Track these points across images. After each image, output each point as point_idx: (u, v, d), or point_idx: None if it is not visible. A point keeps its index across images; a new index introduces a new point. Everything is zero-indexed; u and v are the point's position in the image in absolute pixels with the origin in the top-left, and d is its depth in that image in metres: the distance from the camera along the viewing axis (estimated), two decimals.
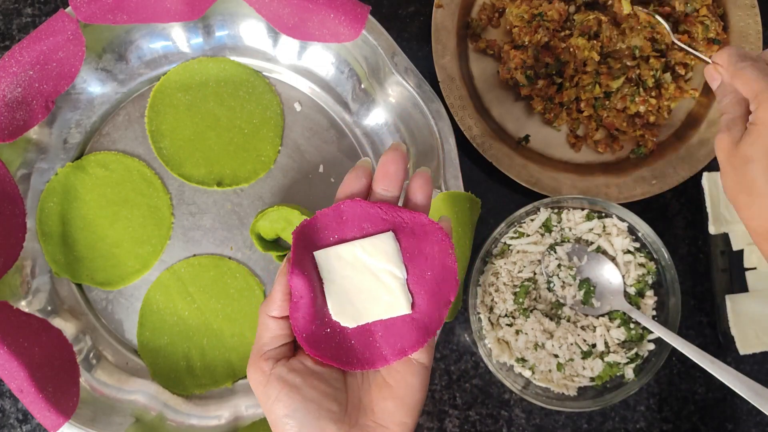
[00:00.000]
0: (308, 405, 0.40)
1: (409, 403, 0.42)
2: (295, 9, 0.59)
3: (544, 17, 0.66)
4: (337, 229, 0.43)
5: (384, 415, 0.42)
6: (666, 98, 0.68)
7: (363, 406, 0.42)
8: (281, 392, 0.41)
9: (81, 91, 0.65)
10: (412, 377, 0.42)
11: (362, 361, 0.42)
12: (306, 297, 0.42)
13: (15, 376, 0.55)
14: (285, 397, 0.41)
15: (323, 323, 0.42)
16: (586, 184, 0.68)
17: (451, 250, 0.42)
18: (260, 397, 0.42)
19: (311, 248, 0.43)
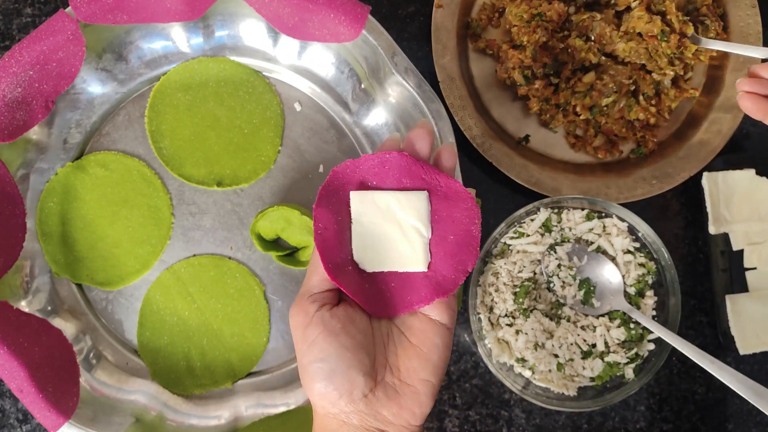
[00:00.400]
0: (343, 353, 0.41)
1: (433, 362, 0.43)
2: (295, 9, 0.59)
3: (544, 17, 0.66)
4: (377, 176, 0.44)
5: (409, 374, 0.43)
6: (667, 103, 0.68)
7: (389, 365, 0.43)
8: (320, 335, 0.42)
9: (81, 91, 0.65)
10: (435, 337, 0.44)
11: (374, 306, 0.44)
12: (331, 229, 0.43)
13: (15, 376, 0.55)
14: (322, 341, 0.41)
15: (345, 260, 0.44)
16: (586, 184, 0.68)
17: (477, 220, 0.44)
18: (298, 339, 0.42)
19: (348, 187, 0.44)
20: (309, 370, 0.42)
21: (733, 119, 0.68)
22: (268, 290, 0.66)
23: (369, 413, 0.42)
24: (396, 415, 0.42)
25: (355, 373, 0.41)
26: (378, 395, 0.42)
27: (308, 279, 0.44)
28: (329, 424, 0.42)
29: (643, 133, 0.69)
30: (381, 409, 0.42)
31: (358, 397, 0.41)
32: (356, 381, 0.41)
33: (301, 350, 0.42)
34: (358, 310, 0.44)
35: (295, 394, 0.64)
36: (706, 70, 0.71)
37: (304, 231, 0.64)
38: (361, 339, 0.42)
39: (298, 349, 0.43)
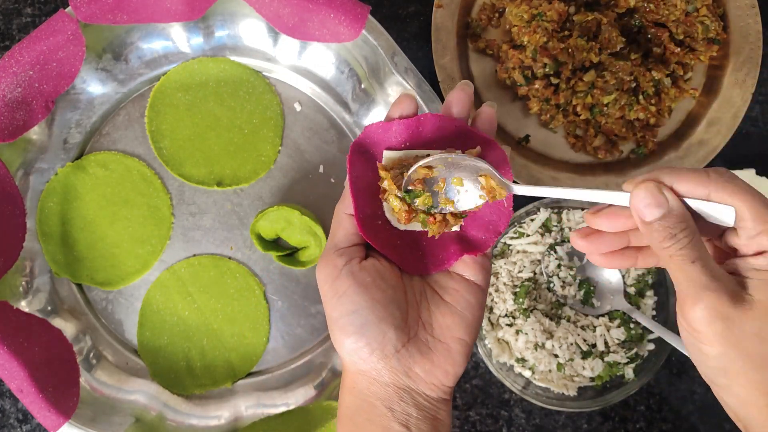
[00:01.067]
0: (374, 305, 0.40)
1: (467, 320, 0.42)
2: (295, 9, 0.59)
3: (544, 17, 0.66)
4: (412, 137, 0.43)
5: (442, 331, 0.42)
6: (666, 102, 0.68)
7: (422, 321, 0.42)
8: (350, 288, 0.40)
9: (81, 91, 0.65)
10: (469, 295, 0.43)
11: (405, 262, 0.43)
12: (364, 180, 0.42)
13: (15, 376, 0.55)
14: (353, 293, 0.40)
15: (376, 214, 0.43)
16: (586, 184, 0.68)
17: (510, 181, 0.43)
18: (327, 293, 0.41)
19: (382, 145, 0.43)
20: (339, 323, 0.40)
21: (733, 119, 0.68)
22: (268, 290, 0.66)
23: (401, 369, 0.41)
24: (428, 372, 0.41)
25: (387, 326, 0.40)
26: (410, 351, 0.41)
27: (333, 234, 0.43)
28: (359, 381, 0.41)
29: (643, 133, 0.69)
30: (413, 365, 0.41)
31: (390, 351, 0.40)
32: (388, 334, 0.40)
33: (330, 304, 0.41)
34: (387, 265, 0.43)
35: (295, 394, 0.64)
36: (706, 70, 0.71)
37: (304, 231, 0.64)
38: (392, 293, 0.41)
39: (327, 302, 0.41)
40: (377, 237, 0.42)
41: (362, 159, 0.43)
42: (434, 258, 0.43)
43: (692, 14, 0.68)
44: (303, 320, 0.66)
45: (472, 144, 0.43)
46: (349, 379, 0.42)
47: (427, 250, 0.43)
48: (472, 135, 0.43)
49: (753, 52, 0.69)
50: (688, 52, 0.69)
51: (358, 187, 0.42)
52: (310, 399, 0.64)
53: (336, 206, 0.44)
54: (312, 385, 0.64)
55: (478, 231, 0.43)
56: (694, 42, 0.69)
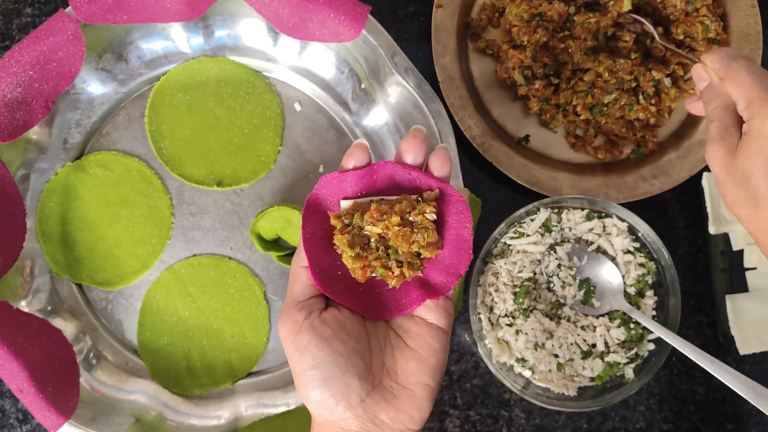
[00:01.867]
0: (336, 358, 0.41)
1: (431, 365, 0.43)
2: (295, 9, 0.59)
3: (544, 17, 0.66)
4: (366, 186, 0.44)
5: (407, 377, 0.42)
6: (667, 102, 0.68)
7: (386, 368, 0.43)
8: (311, 342, 0.41)
9: (81, 91, 0.65)
10: (432, 340, 0.43)
11: (366, 309, 0.43)
12: (318, 234, 0.43)
13: (15, 376, 0.55)
14: (314, 348, 0.41)
15: (335, 265, 0.43)
16: (586, 184, 0.67)
17: (468, 224, 0.43)
18: (289, 348, 0.42)
19: (337, 195, 0.44)
20: (303, 377, 0.41)
21: None
22: (268, 290, 0.66)
23: (367, 418, 0.41)
24: (394, 419, 0.41)
25: (351, 377, 0.41)
26: (375, 399, 0.41)
27: (291, 288, 0.44)
28: (327, 431, 0.42)
29: (643, 133, 0.69)
30: (379, 413, 0.41)
31: (356, 401, 0.41)
32: (352, 385, 0.41)
33: (293, 359, 0.42)
34: (348, 314, 0.43)
35: (295, 394, 0.64)
36: None
37: None
38: (354, 343, 0.42)
39: (291, 358, 0.42)
40: (335, 289, 0.43)
41: (317, 213, 0.44)
42: (396, 303, 0.44)
43: (692, 14, 0.68)
44: None
45: (427, 187, 0.43)
46: (317, 430, 0.43)
47: (389, 295, 0.44)
48: (427, 180, 0.44)
49: (753, 52, 0.69)
50: (688, 52, 0.69)
51: (313, 242, 0.43)
52: None
53: (292, 260, 0.44)
54: None
55: (438, 275, 0.44)
56: (694, 42, 0.69)
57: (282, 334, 0.42)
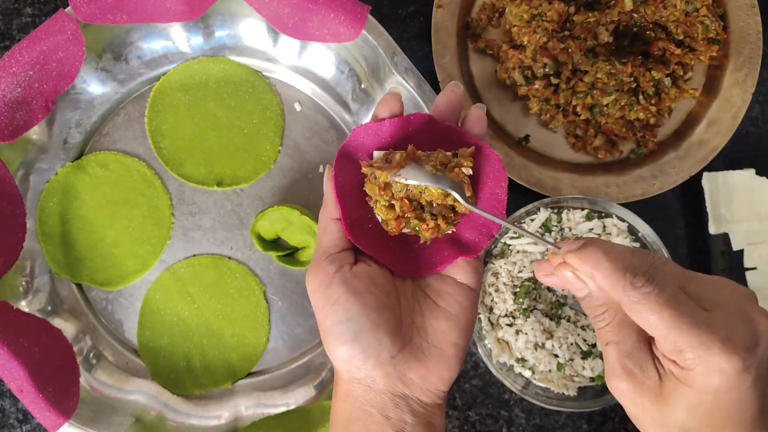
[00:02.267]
0: (368, 312, 0.39)
1: (461, 324, 0.42)
2: (295, 9, 0.59)
3: (544, 17, 0.66)
4: (400, 137, 0.42)
5: (437, 336, 0.41)
6: (666, 102, 0.68)
7: (416, 326, 0.42)
8: (342, 295, 0.40)
9: (81, 91, 0.65)
10: (462, 299, 0.42)
11: (396, 266, 0.42)
12: (352, 184, 0.41)
13: (15, 376, 0.55)
14: (346, 301, 0.39)
15: (365, 218, 0.42)
16: (586, 184, 0.67)
17: (504, 182, 0.42)
18: (319, 302, 0.40)
19: (370, 147, 0.42)
20: (333, 332, 0.39)
21: (733, 119, 0.68)
22: (268, 290, 0.66)
23: (396, 376, 0.40)
24: (424, 378, 0.40)
25: (382, 333, 0.39)
26: (406, 356, 0.40)
27: (320, 240, 0.42)
28: (354, 389, 0.41)
29: (643, 133, 0.69)
30: (408, 371, 0.40)
31: (386, 358, 0.39)
32: (383, 341, 0.39)
33: (323, 313, 0.40)
34: (379, 269, 0.42)
35: (295, 394, 0.64)
36: (706, 70, 0.71)
37: (304, 231, 0.64)
38: (385, 299, 0.40)
39: (320, 311, 0.40)
40: (367, 241, 0.41)
41: (349, 163, 0.42)
42: (427, 261, 0.43)
43: (692, 14, 0.68)
44: (303, 320, 0.66)
45: (462, 146, 0.42)
46: (343, 388, 0.41)
47: (419, 252, 0.42)
48: (462, 136, 0.42)
49: (753, 52, 0.69)
50: (688, 52, 0.69)
51: (345, 192, 0.41)
52: (310, 399, 0.64)
53: (319, 213, 0.43)
54: (312, 385, 0.64)
55: (471, 233, 0.42)
56: (694, 42, 0.69)
57: (311, 287, 0.41)
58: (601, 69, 0.65)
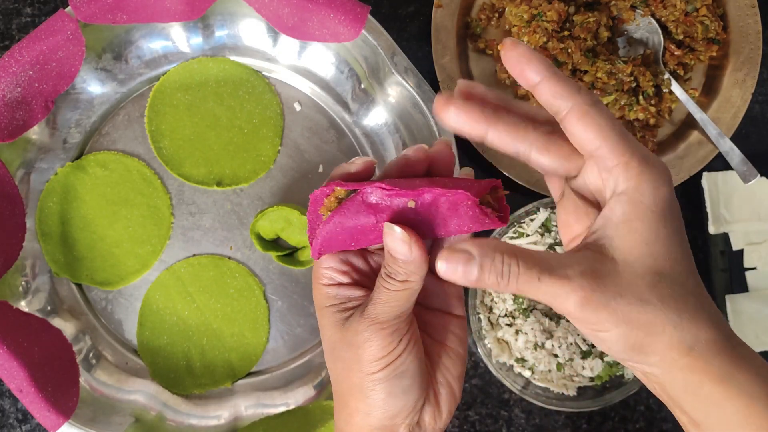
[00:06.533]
0: (421, 365, 0.38)
1: (460, 355, 0.41)
2: (294, 9, 0.59)
3: (544, 17, 0.66)
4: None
5: (443, 373, 0.40)
6: (666, 103, 0.68)
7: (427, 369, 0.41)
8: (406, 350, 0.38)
9: (81, 91, 0.65)
10: (454, 328, 0.42)
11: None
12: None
13: (15, 376, 0.55)
14: (408, 355, 0.38)
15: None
16: None
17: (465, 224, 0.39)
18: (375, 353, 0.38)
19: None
20: (384, 382, 0.38)
21: (733, 119, 0.68)
22: (267, 290, 0.66)
23: (415, 422, 0.39)
24: (436, 417, 0.40)
25: (422, 385, 0.38)
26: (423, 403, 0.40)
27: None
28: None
29: (642, 133, 0.69)
30: (425, 415, 0.39)
31: (419, 407, 0.39)
32: (421, 393, 0.38)
33: (351, 349, 0.38)
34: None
35: (294, 394, 0.64)
36: (706, 70, 0.71)
37: (304, 231, 0.64)
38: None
39: (346, 352, 0.38)
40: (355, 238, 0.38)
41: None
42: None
43: (692, 14, 0.68)
44: (303, 320, 0.66)
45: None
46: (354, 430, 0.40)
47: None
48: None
49: (753, 52, 0.69)
50: (687, 52, 0.69)
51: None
52: (310, 399, 0.64)
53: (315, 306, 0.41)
54: (312, 385, 0.64)
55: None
56: (694, 42, 0.69)
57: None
58: (601, 69, 0.65)
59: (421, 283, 0.38)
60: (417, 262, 0.36)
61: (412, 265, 0.36)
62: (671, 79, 0.68)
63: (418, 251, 0.36)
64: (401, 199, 0.37)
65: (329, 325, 0.39)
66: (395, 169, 0.40)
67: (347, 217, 0.38)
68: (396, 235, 0.36)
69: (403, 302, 0.37)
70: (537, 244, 0.63)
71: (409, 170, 0.40)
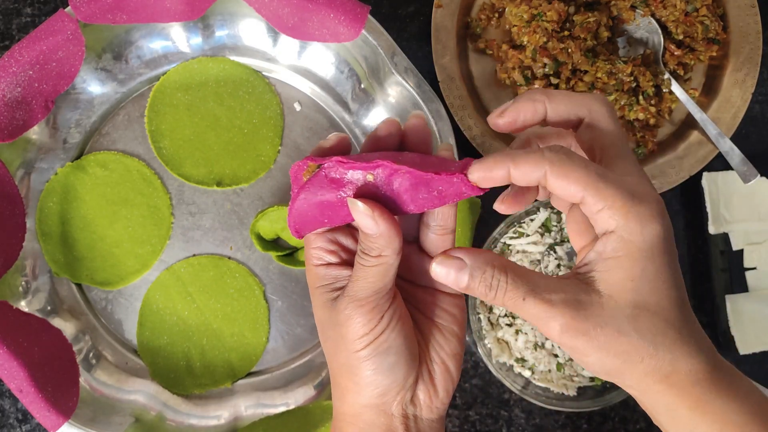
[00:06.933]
0: (409, 343, 0.39)
1: (457, 334, 0.41)
2: (294, 9, 0.59)
3: (544, 17, 0.66)
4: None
5: (437, 352, 0.41)
6: (667, 103, 0.68)
7: (420, 346, 0.41)
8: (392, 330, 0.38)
9: (81, 91, 0.65)
10: (450, 307, 0.42)
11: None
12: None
13: (15, 376, 0.55)
14: (392, 332, 0.38)
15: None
16: None
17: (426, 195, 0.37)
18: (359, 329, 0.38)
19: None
20: (369, 359, 0.38)
21: (733, 119, 0.68)
22: (267, 290, 0.67)
23: (408, 399, 0.39)
24: (431, 396, 0.40)
25: (413, 360, 0.39)
26: (417, 378, 0.40)
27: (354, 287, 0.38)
28: (364, 413, 0.39)
29: (642, 133, 0.69)
30: (418, 391, 0.40)
31: (409, 385, 0.39)
32: (412, 369, 0.39)
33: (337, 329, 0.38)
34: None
35: (294, 394, 0.64)
36: (706, 70, 0.71)
37: None
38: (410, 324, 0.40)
39: (333, 330, 0.39)
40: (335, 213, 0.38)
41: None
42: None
43: (692, 14, 0.68)
44: (303, 320, 0.66)
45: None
46: (351, 411, 0.40)
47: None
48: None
49: (753, 52, 0.69)
50: (687, 52, 0.69)
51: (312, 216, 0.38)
52: (310, 399, 0.64)
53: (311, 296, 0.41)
54: (312, 385, 0.64)
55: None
56: (694, 42, 0.69)
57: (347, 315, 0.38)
58: (601, 68, 0.65)
59: (397, 258, 0.37)
60: (386, 236, 0.36)
61: (382, 239, 0.37)
62: (671, 79, 0.68)
63: (385, 224, 0.36)
64: (358, 173, 0.37)
65: (319, 306, 0.40)
66: (368, 143, 0.40)
67: (312, 193, 0.37)
68: (359, 209, 0.36)
69: (380, 278, 0.37)
70: (537, 244, 0.63)
71: (381, 144, 0.40)
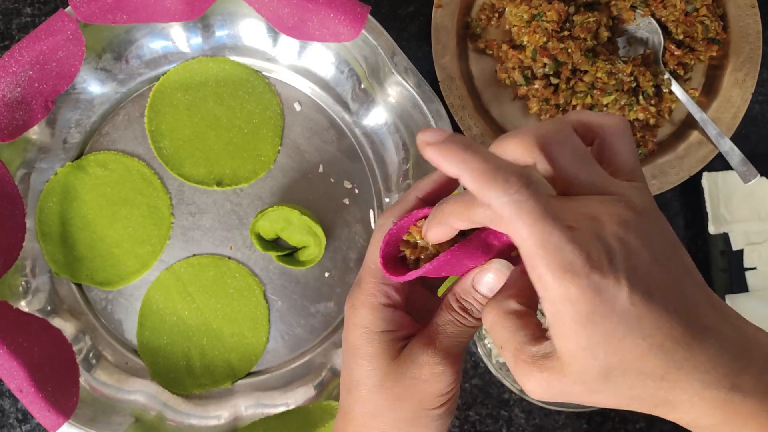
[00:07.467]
0: None
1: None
2: (294, 9, 0.59)
3: (544, 17, 0.66)
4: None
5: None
6: (667, 103, 0.68)
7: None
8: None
9: (81, 91, 0.65)
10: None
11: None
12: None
13: (15, 376, 0.55)
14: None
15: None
16: None
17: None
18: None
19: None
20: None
21: (733, 119, 0.68)
22: (267, 290, 0.66)
23: None
24: None
25: None
26: None
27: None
28: None
29: (642, 133, 0.69)
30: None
31: None
32: None
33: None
34: None
35: (294, 394, 0.64)
36: (706, 70, 0.71)
37: (304, 231, 0.64)
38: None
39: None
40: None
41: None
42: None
43: (692, 14, 0.68)
44: (303, 320, 0.66)
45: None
46: None
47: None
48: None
49: (753, 52, 0.69)
50: (687, 52, 0.69)
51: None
52: (310, 399, 0.64)
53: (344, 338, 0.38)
54: (312, 385, 0.64)
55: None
56: (694, 42, 0.69)
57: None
58: (601, 68, 0.65)
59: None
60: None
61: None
62: (671, 79, 0.68)
63: None
64: (504, 243, 0.36)
65: (380, 354, 0.36)
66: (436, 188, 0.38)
67: (465, 253, 0.36)
68: (503, 271, 0.35)
69: (471, 337, 0.37)
70: None
71: (444, 193, 0.38)
